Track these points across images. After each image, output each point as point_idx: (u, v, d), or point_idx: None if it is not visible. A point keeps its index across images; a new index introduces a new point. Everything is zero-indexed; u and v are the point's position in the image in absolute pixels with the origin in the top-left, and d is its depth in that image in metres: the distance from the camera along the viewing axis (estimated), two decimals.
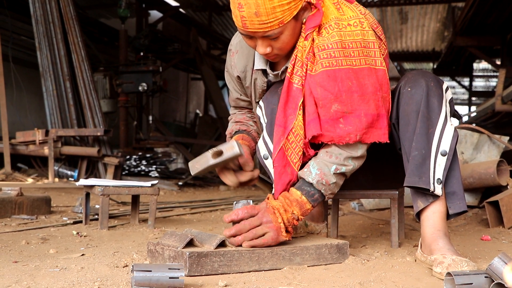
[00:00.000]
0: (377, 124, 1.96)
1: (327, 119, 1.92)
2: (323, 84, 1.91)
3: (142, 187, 2.98)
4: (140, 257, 2.00)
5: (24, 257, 2.04)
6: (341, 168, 1.97)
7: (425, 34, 14.55)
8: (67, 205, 4.09)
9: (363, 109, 1.92)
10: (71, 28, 6.78)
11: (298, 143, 1.96)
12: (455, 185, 1.98)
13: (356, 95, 1.91)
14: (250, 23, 1.87)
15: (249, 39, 1.97)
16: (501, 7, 8.16)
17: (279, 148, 1.98)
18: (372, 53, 1.97)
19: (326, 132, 1.93)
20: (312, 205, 1.97)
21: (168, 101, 13.79)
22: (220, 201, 5.23)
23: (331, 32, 1.95)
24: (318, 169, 1.95)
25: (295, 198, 1.94)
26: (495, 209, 3.05)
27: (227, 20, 13.81)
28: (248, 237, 1.84)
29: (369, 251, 2.23)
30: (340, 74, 1.91)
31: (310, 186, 1.96)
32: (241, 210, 1.89)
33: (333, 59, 1.92)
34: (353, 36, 1.95)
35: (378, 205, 4.06)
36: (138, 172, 7.39)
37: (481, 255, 2.19)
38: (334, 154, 1.97)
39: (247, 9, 1.84)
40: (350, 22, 1.98)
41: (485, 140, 3.95)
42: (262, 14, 1.84)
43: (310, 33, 1.97)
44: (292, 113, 1.97)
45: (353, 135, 1.92)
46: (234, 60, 2.25)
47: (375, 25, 2.05)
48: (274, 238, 1.87)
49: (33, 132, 6.43)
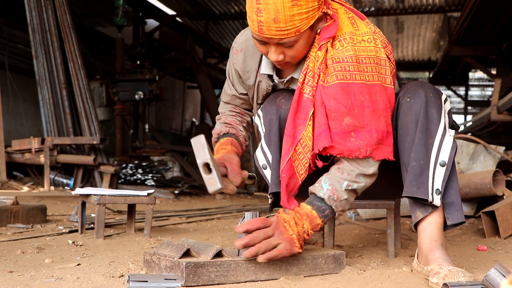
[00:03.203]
0: (386, 141, 1.96)
1: (339, 131, 1.91)
2: (337, 97, 1.90)
3: (138, 196, 2.98)
4: (136, 267, 1.99)
5: (19, 266, 2.03)
6: (353, 185, 1.96)
7: (421, 43, 14.60)
8: (63, 214, 4.08)
9: (374, 125, 1.92)
10: (68, 36, 6.78)
11: (306, 154, 1.96)
12: (453, 196, 1.98)
13: (368, 110, 1.91)
14: (267, 29, 1.85)
15: (262, 44, 1.95)
16: (496, 17, 8.20)
17: (287, 159, 1.97)
18: (383, 71, 1.98)
19: (336, 145, 1.92)
20: (323, 221, 1.94)
21: (165, 109, 13.80)
22: (216, 210, 5.22)
23: (346, 45, 1.94)
24: (329, 184, 1.94)
25: (305, 212, 1.93)
26: (491, 219, 3.06)
27: (223, 29, 13.84)
28: (263, 248, 1.80)
29: (366, 261, 2.23)
30: (354, 88, 1.90)
31: (321, 201, 1.94)
32: (255, 220, 1.86)
33: (347, 73, 1.91)
34: (367, 52, 1.95)
35: (374, 215, 4.06)
36: (134, 181, 7.38)
37: (477, 265, 2.19)
38: (346, 170, 1.95)
39: (265, 15, 1.82)
40: (364, 38, 1.98)
41: (481, 150, 3.96)
42: (280, 21, 1.82)
43: (324, 43, 1.96)
44: (302, 123, 1.96)
45: (363, 150, 1.92)
46: (238, 58, 2.22)
47: (384, 44, 2.05)
48: (288, 249, 1.85)
49: (29, 140, 6.42)
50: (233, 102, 2.38)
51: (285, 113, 2.07)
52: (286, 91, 2.15)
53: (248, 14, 1.89)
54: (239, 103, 2.38)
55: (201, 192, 7.82)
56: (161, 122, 13.70)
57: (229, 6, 12.35)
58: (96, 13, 10.83)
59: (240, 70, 2.23)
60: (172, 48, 10.49)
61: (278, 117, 2.09)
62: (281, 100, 2.11)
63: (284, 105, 2.09)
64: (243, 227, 1.84)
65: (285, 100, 2.10)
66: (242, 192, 8.12)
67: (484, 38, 9.48)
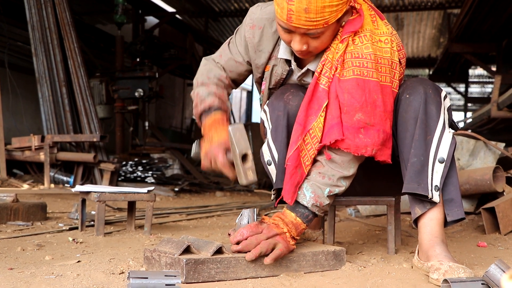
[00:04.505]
0: (388, 144, 1.98)
1: (349, 126, 1.91)
2: (351, 91, 1.91)
3: (138, 193, 2.97)
4: (136, 264, 1.99)
5: (19, 264, 2.02)
6: (334, 190, 1.98)
7: (421, 40, 14.59)
8: (63, 211, 4.08)
9: (382, 125, 1.93)
10: (67, 34, 6.77)
11: (314, 145, 1.95)
12: (453, 192, 1.98)
13: (379, 110, 1.92)
14: (297, 18, 1.83)
15: (286, 32, 1.93)
16: (496, 14, 8.19)
17: (295, 147, 1.97)
18: (393, 74, 1.99)
19: (346, 139, 1.92)
20: (307, 225, 1.99)
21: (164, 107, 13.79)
22: (216, 207, 5.22)
23: (366, 43, 1.95)
24: (312, 191, 1.96)
25: (290, 220, 1.96)
26: (491, 215, 3.06)
27: (223, 26, 13.83)
28: (264, 248, 1.82)
29: (366, 257, 2.23)
30: (369, 85, 1.91)
31: (305, 208, 1.97)
32: (246, 229, 1.87)
33: (365, 69, 1.91)
34: (383, 53, 1.97)
35: (374, 211, 4.06)
36: (134, 178, 7.38)
37: (477, 261, 2.19)
38: (327, 175, 1.97)
39: (297, 3, 1.80)
40: (382, 38, 1.99)
41: (481, 146, 3.95)
42: (311, 11, 1.80)
43: (347, 37, 1.96)
44: (314, 113, 1.96)
45: (370, 148, 1.92)
46: (255, 34, 2.17)
47: (399, 47, 2.05)
48: (286, 246, 1.88)
49: (29, 138, 6.41)
50: (227, 66, 2.29)
51: (293, 110, 2.06)
52: (294, 87, 2.13)
53: (278, 1, 1.86)
54: (232, 70, 2.29)
55: (201, 190, 7.82)
56: (161, 119, 13.70)
57: (229, 3, 12.34)
58: (96, 10, 10.82)
59: (252, 46, 2.19)
60: (172, 45, 10.48)
61: (286, 113, 2.08)
62: (288, 96, 2.10)
63: (291, 101, 2.08)
64: (235, 238, 1.86)
65: (292, 96, 2.09)
66: (242, 189, 8.12)
67: (484, 35, 9.47)
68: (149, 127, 9.71)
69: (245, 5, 12.46)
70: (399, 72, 2.04)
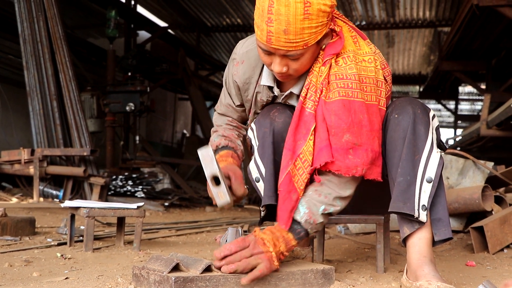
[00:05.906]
0: (377, 162, 1.98)
1: (338, 147, 1.92)
2: (338, 113, 1.92)
3: (128, 209, 2.97)
4: (125, 281, 1.98)
5: (6, 280, 2.01)
6: (329, 209, 1.97)
7: (411, 57, 14.71)
8: (52, 226, 4.06)
9: (370, 145, 1.94)
10: (59, 47, 6.77)
11: (305, 169, 1.95)
12: (440, 212, 1.98)
13: (365, 129, 1.93)
14: (276, 40, 1.84)
15: (267, 54, 1.94)
16: (486, 32, 8.28)
17: (286, 172, 1.97)
18: (379, 92, 2.00)
19: (336, 161, 1.92)
20: (298, 242, 1.97)
21: (155, 121, 13.80)
22: (206, 222, 5.21)
23: (349, 63, 1.96)
24: (307, 207, 1.95)
25: (281, 235, 1.93)
26: (480, 234, 3.07)
27: (215, 41, 13.89)
28: (241, 266, 1.81)
29: (355, 276, 2.23)
30: (354, 106, 1.92)
31: (298, 224, 1.95)
32: (233, 244, 1.86)
33: (350, 90, 1.93)
34: (367, 72, 1.98)
35: (364, 229, 4.06)
36: (124, 192, 7.35)
37: (466, 281, 2.20)
38: (324, 193, 1.96)
39: (276, 25, 1.81)
40: (365, 58, 2.00)
41: (470, 165, 3.98)
42: (290, 33, 1.82)
43: (328, 59, 1.97)
44: (302, 138, 1.97)
45: (360, 168, 1.93)
46: (239, 70, 2.20)
47: (383, 65, 2.07)
48: (268, 267, 1.84)
49: (19, 151, 6.39)
50: (228, 113, 2.37)
51: (279, 126, 2.08)
52: (280, 105, 2.15)
53: (257, 22, 1.88)
54: (234, 115, 2.37)
55: (191, 204, 7.81)
56: (152, 133, 13.69)
57: (221, 18, 12.41)
58: (88, 24, 10.84)
59: (239, 82, 2.22)
60: (164, 60, 10.51)
61: (271, 130, 2.09)
62: (274, 113, 2.11)
63: (277, 118, 2.09)
64: (220, 253, 1.84)
65: (278, 113, 2.10)
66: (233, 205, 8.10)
67: (474, 53, 9.56)
68: (139, 141, 9.70)
69: (237, 21, 12.54)
70: (386, 90, 2.05)
